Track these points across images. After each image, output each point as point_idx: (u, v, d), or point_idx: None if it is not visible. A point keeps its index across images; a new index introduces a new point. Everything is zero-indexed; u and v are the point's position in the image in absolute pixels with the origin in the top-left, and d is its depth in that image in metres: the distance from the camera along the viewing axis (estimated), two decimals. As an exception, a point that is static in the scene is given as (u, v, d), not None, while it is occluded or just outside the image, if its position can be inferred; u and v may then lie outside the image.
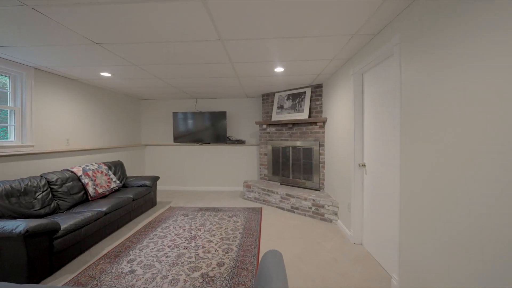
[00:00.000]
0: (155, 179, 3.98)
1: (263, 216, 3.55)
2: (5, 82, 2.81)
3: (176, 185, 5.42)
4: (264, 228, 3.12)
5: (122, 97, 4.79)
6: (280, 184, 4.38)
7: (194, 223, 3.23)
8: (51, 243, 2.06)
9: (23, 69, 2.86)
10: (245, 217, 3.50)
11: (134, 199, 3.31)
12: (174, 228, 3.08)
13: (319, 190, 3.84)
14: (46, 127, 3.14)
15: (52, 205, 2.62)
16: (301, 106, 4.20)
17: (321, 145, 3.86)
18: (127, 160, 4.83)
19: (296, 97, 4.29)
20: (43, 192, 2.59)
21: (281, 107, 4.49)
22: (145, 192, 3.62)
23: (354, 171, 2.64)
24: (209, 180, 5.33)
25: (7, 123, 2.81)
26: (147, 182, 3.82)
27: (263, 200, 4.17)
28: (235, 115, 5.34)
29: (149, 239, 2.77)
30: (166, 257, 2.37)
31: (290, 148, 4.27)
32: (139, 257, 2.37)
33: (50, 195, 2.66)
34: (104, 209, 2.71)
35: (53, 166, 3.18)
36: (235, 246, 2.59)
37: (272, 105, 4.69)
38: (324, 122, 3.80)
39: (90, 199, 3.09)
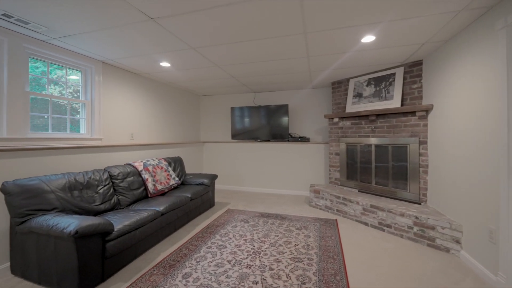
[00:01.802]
0: (213, 177, 3.66)
1: (341, 232, 2.78)
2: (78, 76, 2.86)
3: (233, 184, 5.09)
4: (347, 250, 2.36)
5: (182, 93, 4.71)
6: (359, 191, 3.50)
7: (256, 233, 2.71)
8: (104, 246, 1.81)
9: (92, 63, 2.87)
10: (318, 231, 2.79)
11: (192, 199, 3.01)
12: (233, 236, 2.62)
13: (420, 203, 2.83)
14: (112, 121, 3.12)
15: (112, 201, 2.48)
16: (388, 92, 3.25)
17: (422, 142, 2.84)
18: (185, 157, 4.72)
19: (380, 82, 3.36)
20: (104, 186, 2.47)
21: (358, 95, 3.61)
22: (203, 192, 3.31)
23: (508, 180, 1.65)
24: (268, 181, 4.81)
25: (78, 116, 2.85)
26: (206, 181, 3.52)
27: (337, 210, 3.37)
28: (298, 109, 4.67)
29: (207, 247, 2.37)
30: (226, 277, 1.88)
31: (373, 146, 3.36)
32: (196, 271, 1.96)
33: (112, 189, 2.54)
34: (161, 208, 2.43)
35: (117, 160, 3.14)
36: (313, 274, 1.92)
37: (346, 94, 3.84)
38: (427, 111, 2.79)
39: (149, 196, 2.91)
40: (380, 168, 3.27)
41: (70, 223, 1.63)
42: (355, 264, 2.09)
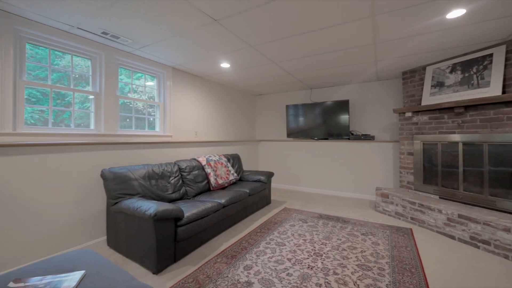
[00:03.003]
0: (270, 175, 3.67)
1: (418, 243, 2.38)
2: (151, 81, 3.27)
3: (288, 184, 5.01)
4: (428, 265, 2.00)
5: (239, 93, 4.90)
6: (440, 198, 2.96)
7: (316, 234, 2.57)
8: (176, 230, 1.99)
9: (164, 69, 3.24)
10: (388, 239, 2.47)
11: (250, 194, 3.07)
12: (292, 235, 2.55)
13: (534, 217, 2.19)
14: (180, 120, 3.46)
15: (181, 191, 2.72)
16: (482, 78, 2.65)
17: (538, 139, 2.20)
18: (242, 154, 4.88)
19: (469, 66, 2.78)
20: (175, 177, 2.74)
21: (439, 84, 3.07)
22: (260, 188, 3.35)
23: None
24: (326, 182, 4.55)
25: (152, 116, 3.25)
26: (262, 178, 3.55)
27: (412, 218, 2.92)
28: (360, 104, 4.28)
29: (266, 243, 2.36)
30: (287, 274, 1.83)
31: (460, 145, 2.79)
32: (256, 265, 1.96)
33: (181, 181, 2.79)
34: (223, 201, 2.55)
35: (184, 155, 3.46)
36: (386, 286, 1.69)
37: (421, 85, 3.32)
38: (546, 98, 2.15)
39: (211, 189, 3.10)
40: (471, 171, 2.69)
41: (150, 206, 1.85)
42: (440, 282, 1.75)
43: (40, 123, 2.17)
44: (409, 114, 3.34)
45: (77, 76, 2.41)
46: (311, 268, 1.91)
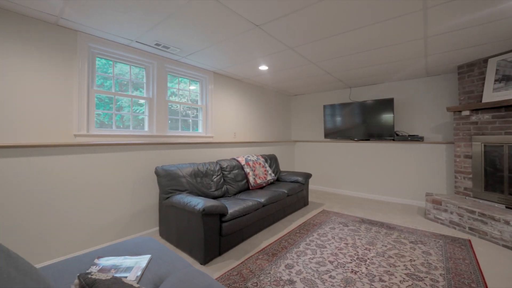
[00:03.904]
0: (307, 176, 3.63)
1: (479, 257, 2.14)
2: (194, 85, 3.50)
3: (325, 186, 4.88)
4: (492, 281, 1.79)
5: (275, 94, 4.94)
6: (506, 207, 2.60)
7: (359, 239, 2.48)
8: (220, 225, 2.12)
9: (206, 74, 3.44)
10: (441, 249, 2.26)
11: (288, 195, 3.09)
12: (333, 238, 2.50)
13: None
14: (220, 122, 3.64)
15: (223, 189, 2.87)
16: None
17: None
18: (278, 155, 4.91)
19: (549, 56, 2.39)
20: (217, 176, 2.90)
21: (505, 78, 2.70)
22: (298, 189, 3.34)
23: None
24: (367, 185, 4.33)
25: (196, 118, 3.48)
26: (300, 179, 3.54)
27: (470, 229, 2.62)
28: (405, 103, 3.98)
29: (306, 244, 2.36)
30: (329, 277, 1.81)
31: (534, 146, 2.42)
32: (297, 264, 1.98)
33: (222, 179, 2.95)
34: (263, 200, 2.62)
35: (224, 155, 3.63)
36: (443, 299, 1.56)
37: (482, 79, 2.96)
38: None
39: (250, 188, 3.20)
40: (549, 177, 2.31)
41: (198, 202, 2.00)
42: (511, 301, 1.55)
43: (97, 125, 2.48)
44: (466, 112, 3.01)
45: (125, 82, 2.70)
46: (355, 273, 1.86)
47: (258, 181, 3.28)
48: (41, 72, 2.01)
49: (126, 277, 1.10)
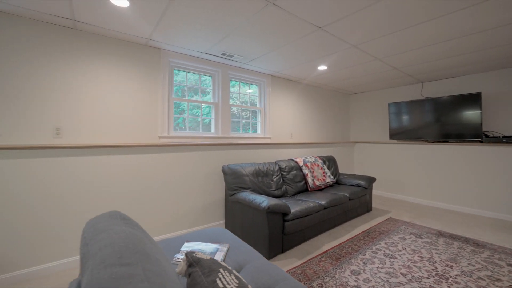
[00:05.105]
0: (371, 180, 3.40)
1: None
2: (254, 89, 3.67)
3: (391, 191, 4.46)
4: None
5: (332, 93, 4.76)
6: None
7: (437, 253, 2.20)
8: (283, 224, 2.19)
9: (264, 77, 3.58)
10: (557, 277, 1.82)
11: (350, 199, 2.96)
12: (404, 249, 2.28)
13: None
14: (277, 123, 3.73)
15: (282, 189, 2.94)
16: None
17: None
18: (336, 157, 4.72)
19: None
20: (277, 176, 2.99)
21: None
22: (360, 193, 3.16)
23: None
24: (442, 193, 3.77)
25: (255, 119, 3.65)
26: (362, 183, 3.33)
27: None
28: (497, 98, 3.32)
29: (372, 252, 2.22)
30: (403, 290, 1.67)
31: None
32: (364, 272, 1.89)
33: (281, 179, 3.02)
34: (323, 202, 2.58)
35: (282, 155, 3.70)
36: None
37: None
38: None
39: (308, 189, 3.18)
40: None
41: (263, 200, 2.12)
42: None
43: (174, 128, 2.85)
44: None
45: (185, 88, 3.02)
46: (435, 290, 1.67)
47: (317, 183, 3.23)
48: (132, 85, 2.45)
49: (211, 260, 1.27)
